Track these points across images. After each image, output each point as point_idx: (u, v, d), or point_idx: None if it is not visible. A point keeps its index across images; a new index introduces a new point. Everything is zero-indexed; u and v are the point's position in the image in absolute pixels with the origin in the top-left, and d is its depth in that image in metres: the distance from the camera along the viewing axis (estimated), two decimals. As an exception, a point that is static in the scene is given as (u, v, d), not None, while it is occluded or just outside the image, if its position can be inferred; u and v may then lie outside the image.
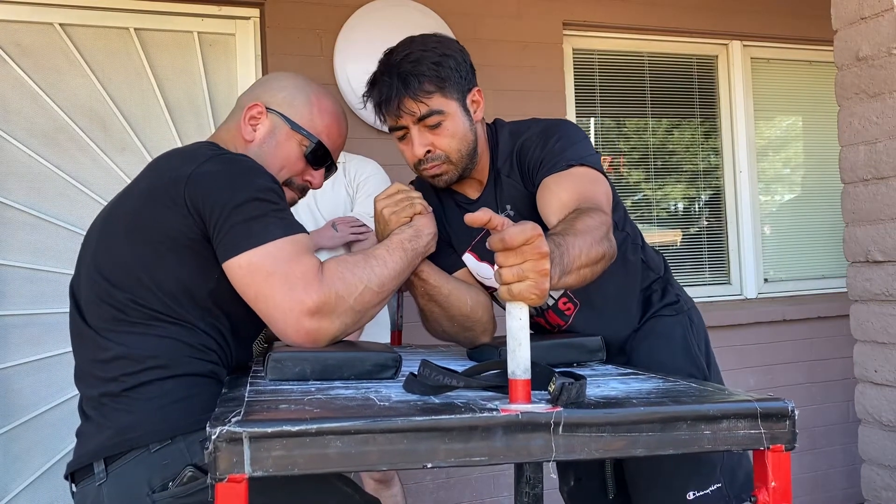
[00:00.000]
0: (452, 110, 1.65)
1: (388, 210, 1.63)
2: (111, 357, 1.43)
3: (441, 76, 1.62)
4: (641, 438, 1.07)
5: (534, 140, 1.68)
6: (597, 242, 1.36)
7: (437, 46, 1.65)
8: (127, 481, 1.37)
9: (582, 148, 1.64)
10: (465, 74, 1.67)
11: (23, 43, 3.18)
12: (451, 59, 1.65)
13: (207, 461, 0.93)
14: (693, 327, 1.85)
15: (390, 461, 0.97)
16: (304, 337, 1.37)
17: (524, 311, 1.07)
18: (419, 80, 1.60)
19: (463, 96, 1.67)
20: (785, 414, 1.11)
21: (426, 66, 1.61)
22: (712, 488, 1.64)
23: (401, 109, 1.62)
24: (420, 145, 1.65)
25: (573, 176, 1.58)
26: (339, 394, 1.18)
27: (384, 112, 1.66)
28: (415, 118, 1.63)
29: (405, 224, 1.62)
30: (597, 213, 1.44)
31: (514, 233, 1.05)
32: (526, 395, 1.07)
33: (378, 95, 1.65)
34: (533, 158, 1.67)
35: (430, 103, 1.62)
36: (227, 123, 1.68)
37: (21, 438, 3.12)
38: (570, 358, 1.58)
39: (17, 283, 3.15)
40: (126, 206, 1.49)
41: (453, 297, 1.73)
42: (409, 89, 1.60)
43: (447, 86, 1.63)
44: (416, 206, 1.64)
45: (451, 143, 1.66)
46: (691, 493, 1.63)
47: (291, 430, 0.94)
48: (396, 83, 1.61)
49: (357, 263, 1.47)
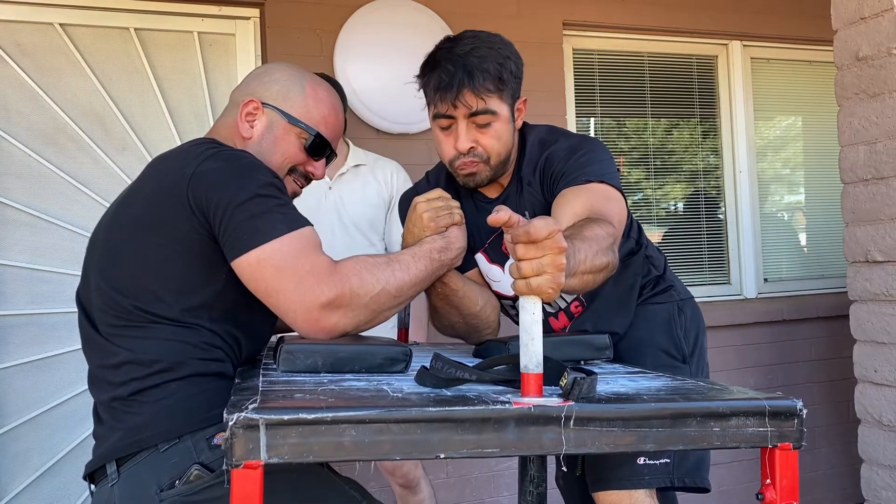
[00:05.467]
0: (503, 113, 1.68)
1: (429, 215, 1.62)
2: (119, 362, 1.44)
3: (502, 78, 1.65)
4: (651, 434, 1.08)
5: (560, 154, 1.71)
6: (602, 251, 1.38)
7: (502, 48, 1.68)
8: (137, 481, 1.38)
9: (604, 166, 1.67)
10: (519, 81, 1.71)
11: (23, 43, 3.17)
12: (512, 64, 1.68)
13: (224, 447, 0.94)
14: (682, 315, 1.88)
15: (404, 451, 0.98)
16: (316, 329, 1.38)
17: (538, 306, 1.08)
18: (484, 76, 1.62)
19: (513, 102, 1.71)
20: (793, 412, 1.12)
21: (491, 64, 1.63)
22: (661, 461, 1.70)
23: (459, 100, 1.63)
24: (466, 140, 1.67)
25: (590, 190, 1.60)
26: (351, 385, 1.19)
27: (440, 98, 1.65)
28: (468, 112, 1.64)
29: (439, 234, 1.61)
30: (605, 224, 1.47)
31: (539, 226, 1.05)
32: (538, 388, 1.07)
33: (438, 81, 1.65)
34: (555, 171, 1.69)
35: (488, 101, 1.64)
36: (223, 119, 1.68)
37: (21, 438, 3.11)
38: (578, 355, 1.58)
39: (16, 283, 3.14)
40: (130, 211, 1.50)
41: (466, 298, 1.75)
42: (473, 82, 1.62)
43: (505, 88, 1.66)
44: (455, 216, 1.65)
45: (495, 145, 1.69)
46: (642, 459, 1.70)
47: (307, 417, 0.95)
48: (461, 73, 1.62)
49: (378, 265, 1.47)
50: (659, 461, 1.70)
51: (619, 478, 1.70)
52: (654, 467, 1.70)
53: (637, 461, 1.70)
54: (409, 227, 1.65)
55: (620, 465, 1.71)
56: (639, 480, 1.69)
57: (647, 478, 1.69)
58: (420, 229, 1.62)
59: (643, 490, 1.69)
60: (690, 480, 1.73)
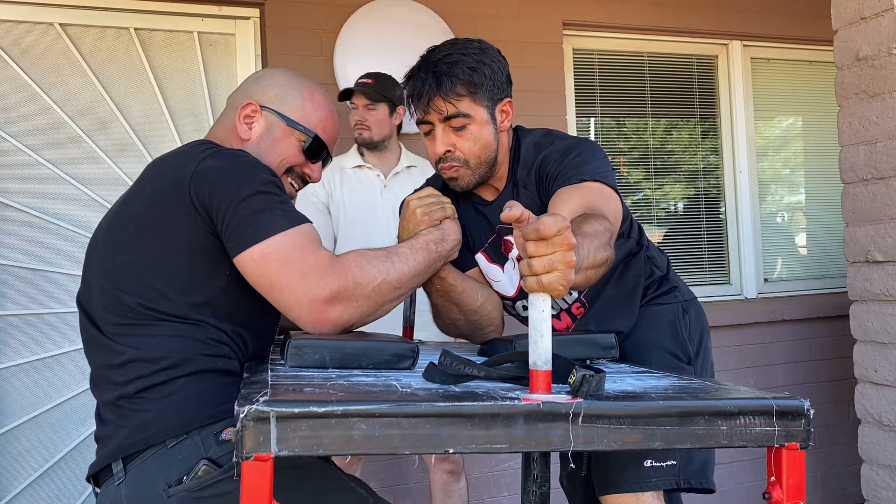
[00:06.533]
0: (480, 116, 1.70)
1: (422, 210, 1.67)
2: (125, 361, 1.44)
3: (474, 81, 1.68)
4: (659, 432, 1.08)
5: (555, 155, 1.73)
6: (602, 246, 1.38)
7: (476, 53, 1.71)
8: (144, 478, 1.38)
9: (599, 165, 1.68)
10: (499, 84, 1.72)
11: (23, 43, 3.17)
12: (488, 68, 1.70)
13: (234, 440, 0.94)
14: (686, 316, 1.89)
15: (413, 445, 0.98)
16: (320, 323, 1.39)
17: (547, 303, 1.08)
18: (452, 81, 1.66)
19: (493, 105, 1.72)
20: (801, 412, 1.12)
21: (461, 70, 1.67)
22: (668, 463, 1.71)
23: (430, 106, 1.68)
24: (441, 144, 1.71)
25: (585, 189, 1.61)
26: (360, 380, 1.20)
27: (415, 106, 1.72)
28: (441, 117, 1.68)
29: (434, 226, 1.66)
30: (602, 219, 1.47)
31: (548, 223, 1.05)
32: (547, 385, 1.07)
33: (411, 89, 1.72)
34: (550, 171, 1.71)
35: (459, 105, 1.68)
36: (220, 123, 1.70)
37: (21, 438, 3.11)
38: (584, 354, 1.58)
39: (16, 283, 3.14)
40: (130, 212, 1.50)
41: (465, 294, 1.77)
42: (441, 89, 1.66)
43: (479, 92, 1.69)
44: (448, 210, 1.70)
45: (473, 147, 1.71)
46: (649, 461, 1.70)
47: (318, 411, 0.95)
48: (430, 80, 1.67)
49: (378, 256, 1.50)
50: (665, 463, 1.71)
51: (626, 481, 1.70)
52: (661, 469, 1.70)
53: (644, 464, 1.70)
54: (404, 224, 1.70)
55: (627, 467, 1.71)
56: (646, 483, 1.69)
57: (654, 480, 1.70)
58: (414, 224, 1.67)
59: (650, 493, 1.69)
60: (696, 482, 1.74)
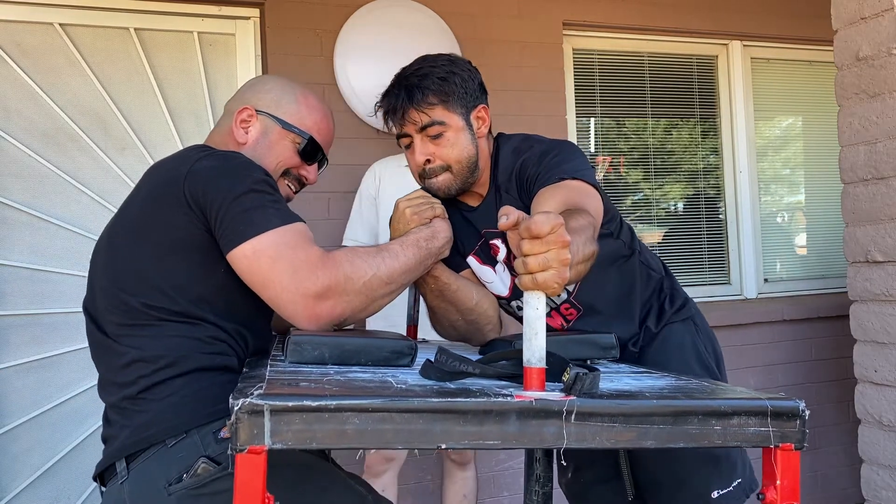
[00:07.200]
0: (454, 123, 1.74)
1: (411, 210, 1.71)
2: (128, 362, 1.48)
3: (445, 90, 1.72)
4: (652, 430, 1.07)
5: (533, 158, 1.75)
6: (589, 241, 1.39)
7: (445, 64, 1.76)
8: (146, 477, 1.41)
9: (577, 164, 1.70)
10: (471, 92, 1.77)
11: (23, 43, 3.17)
12: (458, 77, 1.75)
13: (229, 432, 0.95)
14: (699, 331, 1.91)
15: (405, 440, 0.99)
16: (312, 317, 1.41)
17: (541, 301, 1.08)
18: (423, 92, 1.71)
19: (467, 111, 1.76)
20: (795, 413, 1.12)
21: (431, 81, 1.72)
22: (734, 484, 1.71)
23: (405, 118, 1.73)
24: (421, 154, 1.75)
25: (565, 187, 1.62)
26: (356, 376, 1.21)
27: (391, 121, 1.78)
28: (417, 127, 1.73)
29: (424, 224, 1.69)
30: (585, 215, 1.48)
31: (541, 221, 1.05)
32: (540, 383, 1.07)
33: (387, 105, 1.77)
34: (530, 174, 1.73)
35: (432, 114, 1.72)
36: (218, 128, 1.74)
37: (21, 438, 3.11)
38: (583, 354, 1.58)
39: (17, 283, 3.14)
40: (129, 213, 1.54)
41: (461, 293, 1.79)
42: (414, 100, 1.71)
43: (451, 100, 1.73)
44: (437, 209, 1.73)
45: (451, 152, 1.75)
46: (715, 491, 1.70)
47: (311, 405, 0.96)
48: (403, 94, 1.73)
49: (368, 252, 1.52)
50: (732, 486, 1.70)
51: None
52: (731, 493, 1.70)
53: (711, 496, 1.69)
54: (394, 224, 1.73)
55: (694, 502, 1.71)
56: None
57: None
58: (404, 224, 1.70)
59: None
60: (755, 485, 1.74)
